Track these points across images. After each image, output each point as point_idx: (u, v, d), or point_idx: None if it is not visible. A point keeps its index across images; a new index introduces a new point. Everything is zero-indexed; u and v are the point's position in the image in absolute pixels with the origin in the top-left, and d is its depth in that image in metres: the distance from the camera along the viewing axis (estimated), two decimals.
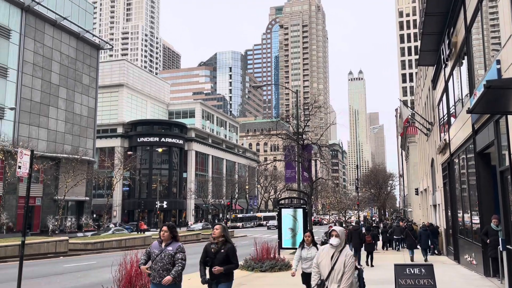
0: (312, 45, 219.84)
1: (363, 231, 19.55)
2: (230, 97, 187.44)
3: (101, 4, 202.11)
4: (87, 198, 50.68)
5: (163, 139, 69.92)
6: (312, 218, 38.92)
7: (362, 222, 42.85)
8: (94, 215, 57.22)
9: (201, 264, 6.13)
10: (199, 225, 53.15)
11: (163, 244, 5.77)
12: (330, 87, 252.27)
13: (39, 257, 21.95)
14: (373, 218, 72.40)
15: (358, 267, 5.72)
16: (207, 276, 6.02)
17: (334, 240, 5.12)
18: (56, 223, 42.34)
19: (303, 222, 17.96)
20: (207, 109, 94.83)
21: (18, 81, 42.15)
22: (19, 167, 9.11)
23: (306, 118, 26.89)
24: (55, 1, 47.23)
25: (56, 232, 41.18)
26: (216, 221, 71.81)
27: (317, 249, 7.28)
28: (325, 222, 72.36)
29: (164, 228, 5.84)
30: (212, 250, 6.03)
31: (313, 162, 52.48)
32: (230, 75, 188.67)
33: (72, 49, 49.81)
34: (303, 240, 7.95)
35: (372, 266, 16.72)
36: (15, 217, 40.16)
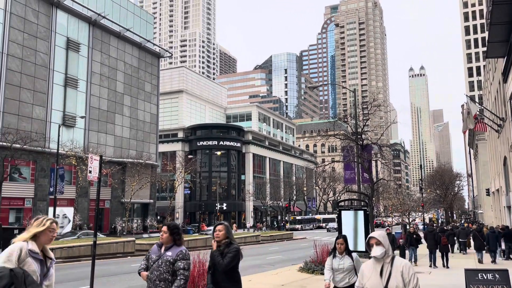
0: (370, 42, 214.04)
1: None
2: (286, 98, 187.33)
3: (160, 14, 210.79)
4: (151, 200, 52.92)
5: (221, 143, 71.38)
6: (374, 220, 37.77)
7: (435, 225, 41.05)
8: (158, 217, 59.63)
9: (208, 272, 5.37)
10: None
11: (163, 249, 4.74)
12: (389, 84, 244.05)
13: (109, 257, 23.24)
14: (440, 220, 68.84)
15: None
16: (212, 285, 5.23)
17: (376, 251, 3.96)
18: (123, 224, 44.62)
19: (364, 224, 17.47)
20: (263, 111, 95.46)
21: (87, 91, 45.04)
22: (90, 172, 9.70)
23: (365, 118, 26.17)
24: (119, 14, 49.97)
25: (124, 233, 43.37)
26: (274, 223, 71.93)
27: (352, 259, 6.32)
28: (387, 224, 70.04)
29: (164, 228, 4.75)
30: (216, 254, 5.19)
31: (373, 163, 50.97)
32: (286, 77, 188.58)
33: (134, 58, 52.38)
34: (334, 247, 6.53)
35: (447, 267, 16.92)
36: (87, 218, 42.87)
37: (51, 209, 36.42)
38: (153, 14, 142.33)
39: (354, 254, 6.41)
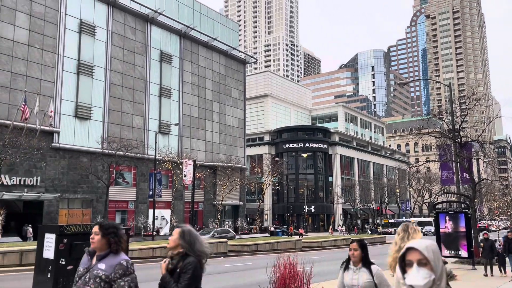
0: (466, 31, 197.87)
1: None
2: (374, 97, 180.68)
3: (244, 22, 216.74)
4: (241, 202, 54.43)
5: (307, 144, 71.05)
6: (478, 224, 34.68)
7: None
8: (248, 219, 61.10)
9: None
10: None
11: (94, 259, 3.35)
12: (490, 76, 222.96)
13: None
14: None
15: None
16: None
17: (417, 277, 2.18)
18: (216, 226, 46.47)
19: (466, 228, 16.13)
20: (349, 111, 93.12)
21: (179, 100, 47.84)
22: (185, 176, 10.23)
23: (463, 113, 24.22)
24: (206, 24, 52.37)
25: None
26: (365, 226, 69.51)
27: (371, 272, 4.57)
28: (493, 229, 63.86)
29: (95, 228, 3.40)
30: (168, 269, 3.62)
31: (474, 162, 46.90)
32: (373, 75, 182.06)
33: (222, 66, 54.47)
34: (348, 257, 4.77)
35: None
36: (183, 220, 45.40)
37: (151, 211, 39.28)
38: (238, 21, 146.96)
39: (375, 267, 4.66)
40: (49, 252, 6.74)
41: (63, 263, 6.49)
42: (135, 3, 43.04)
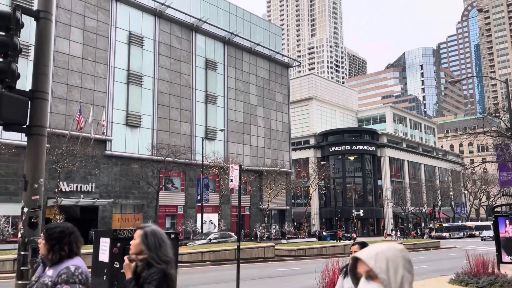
0: None
1: None
2: (424, 96, 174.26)
3: (287, 25, 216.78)
4: (287, 207, 54.17)
5: (354, 147, 69.63)
6: None
7: None
8: (295, 223, 60.68)
9: None
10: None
11: (48, 266, 3.06)
12: None
13: (251, 261, 24.40)
14: None
15: None
16: None
17: None
18: (262, 230, 46.53)
19: None
20: (398, 112, 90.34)
21: (225, 105, 48.51)
22: (231, 180, 10.31)
23: None
24: (249, 30, 52.84)
25: (264, 238, 45.16)
26: (418, 231, 66.90)
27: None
28: None
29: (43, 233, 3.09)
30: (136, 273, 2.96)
31: None
32: (422, 73, 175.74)
33: (265, 71, 54.68)
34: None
35: None
36: (230, 224, 45.84)
37: (199, 216, 40.01)
38: (281, 26, 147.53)
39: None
40: (104, 256, 7.00)
41: (117, 266, 6.72)
42: (180, 13, 44.22)
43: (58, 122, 33.87)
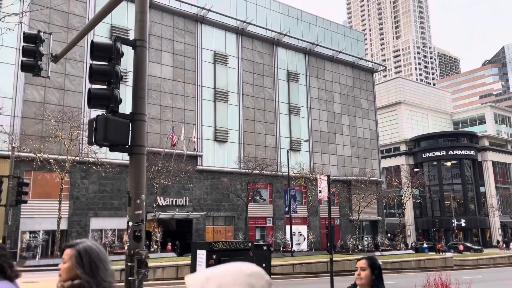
0: None
1: None
2: None
3: (370, 30, 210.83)
4: (379, 217, 51.91)
5: (450, 152, 64.78)
6: None
7: None
8: (388, 234, 57.86)
9: None
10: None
11: None
12: None
13: (344, 274, 23.68)
14: None
15: None
16: None
17: None
18: (354, 242, 45.06)
19: None
20: (500, 111, 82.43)
21: (308, 116, 48.32)
22: (320, 191, 10.16)
23: None
24: (330, 39, 52.30)
25: (356, 251, 43.67)
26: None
27: None
28: None
29: None
30: None
31: None
32: None
33: (349, 78, 53.53)
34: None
35: None
36: (320, 236, 45.13)
37: (288, 227, 40.03)
38: (363, 31, 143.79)
39: None
40: (201, 267, 7.28)
41: None
42: (261, 28, 45.30)
43: (154, 141, 36.37)
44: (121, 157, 31.30)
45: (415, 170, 59.36)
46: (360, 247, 45.20)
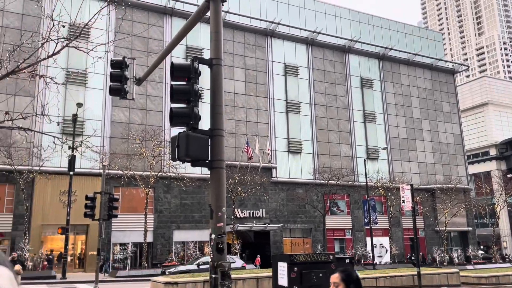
0: None
1: None
2: None
3: (448, 29, 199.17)
4: (470, 228, 48.10)
5: None
6: None
7: None
8: (481, 246, 53.34)
9: None
10: None
11: None
12: None
13: None
14: None
15: None
16: None
17: None
18: (441, 254, 42.16)
19: None
20: None
21: (385, 123, 46.56)
22: (403, 201, 9.68)
23: None
24: (405, 41, 50.20)
25: (444, 264, 40.82)
26: None
27: None
28: None
29: None
30: None
31: None
32: None
33: (427, 81, 50.84)
34: None
35: None
36: (403, 248, 42.89)
37: (368, 239, 38.58)
38: (440, 31, 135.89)
39: None
40: (283, 280, 7.25)
41: None
42: (331, 37, 44.84)
43: (229, 155, 37.31)
44: (200, 171, 32.52)
45: (509, 175, 54.28)
46: (448, 260, 42.15)
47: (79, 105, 28.63)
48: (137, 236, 31.54)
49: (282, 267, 7.09)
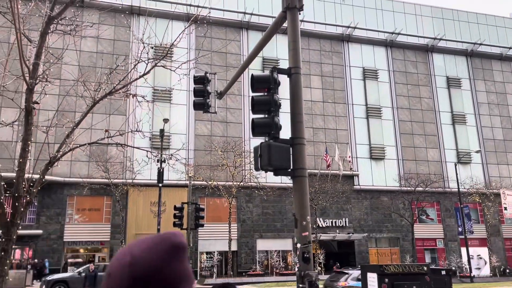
0: None
1: None
2: None
3: None
4: None
5: None
6: None
7: None
8: None
9: None
10: None
11: None
12: None
13: None
14: None
15: None
16: None
17: None
18: None
19: None
20: None
21: (476, 123, 43.11)
22: (505, 208, 8.83)
23: None
24: (496, 35, 46.22)
25: None
26: None
27: None
28: None
29: None
30: None
31: None
32: None
33: None
34: None
35: None
36: (505, 259, 39.03)
37: (463, 249, 35.71)
38: None
39: None
40: None
41: None
42: (412, 37, 42.84)
43: (309, 163, 36.95)
44: (280, 181, 32.70)
45: None
46: None
47: (166, 120, 30.40)
48: (222, 245, 32.45)
49: (372, 278, 6.81)
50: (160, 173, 28.61)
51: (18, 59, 7.83)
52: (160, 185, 28.77)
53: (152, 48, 8.63)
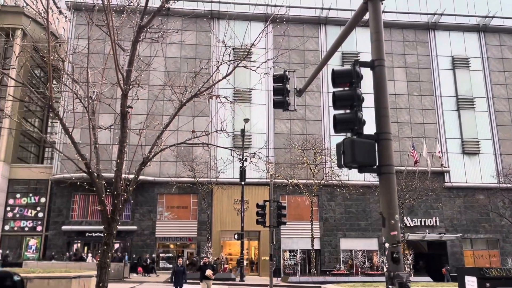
0: None
1: None
2: None
3: None
4: None
5: None
6: None
7: None
8: None
9: None
10: None
11: None
12: None
13: None
14: None
15: None
16: None
17: None
18: None
19: None
20: None
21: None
22: None
23: None
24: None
25: None
26: None
27: None
28: None
29: None
30: None
31: None
32: None
33: None
34: None
35: None
36: None
37: None
38: None
39: None
40: None
41: None
42: (509, 19, 38.98)
43: (394, 160, 35.27)
44: (363, 178, 31.71)
45: None
46: None
47: (246, 120, 31.06)
48: (304, 243, 32.33)
49: (471, 281, 6.30)
50: (243, 172, 29.34)
51: (113, 68, 8.51)
52: (243, 183, 29.49)
53: (233, 49, 8.86)
